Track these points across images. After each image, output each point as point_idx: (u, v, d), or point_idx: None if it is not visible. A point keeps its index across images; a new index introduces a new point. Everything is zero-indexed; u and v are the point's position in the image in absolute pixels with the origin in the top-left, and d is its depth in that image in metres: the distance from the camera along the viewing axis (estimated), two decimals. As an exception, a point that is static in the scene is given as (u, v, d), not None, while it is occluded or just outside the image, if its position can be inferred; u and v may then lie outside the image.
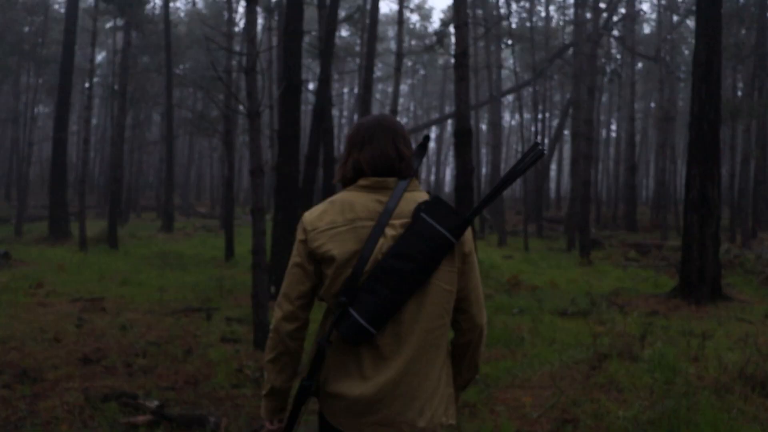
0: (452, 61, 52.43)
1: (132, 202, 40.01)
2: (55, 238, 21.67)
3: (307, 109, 45.21)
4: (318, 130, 12.49)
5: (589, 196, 18.71)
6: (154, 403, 5.36)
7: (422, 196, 2.32)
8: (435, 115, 59.34)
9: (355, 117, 42.38)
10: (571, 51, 34.20)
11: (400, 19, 16.93)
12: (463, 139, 9.06)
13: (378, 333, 2.20)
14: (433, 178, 65.43)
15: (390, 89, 71.65)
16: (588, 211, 18.23)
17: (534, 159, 2.23)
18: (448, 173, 75.53)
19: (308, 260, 2.28)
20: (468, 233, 2.30)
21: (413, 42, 58.19)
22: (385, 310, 2.18)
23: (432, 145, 72.28)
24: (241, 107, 7.03)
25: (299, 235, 2.31)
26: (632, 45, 30.42)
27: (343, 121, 55.11)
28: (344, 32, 48.80)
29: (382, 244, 2.21)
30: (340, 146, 48.09)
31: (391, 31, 55.82)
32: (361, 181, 2.33)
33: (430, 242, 2.19)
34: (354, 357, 2.25)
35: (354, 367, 2.25)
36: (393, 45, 60.19)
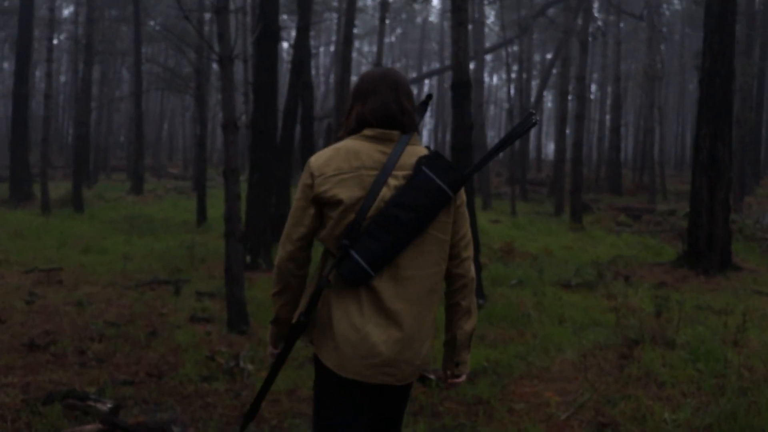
0: (431, 17, 50.58)
1: (101, 163, 38.58)
2: (17, 200, 20.41)
3: (283, 67, 43.86)
4: (296, 84, 11.42)
5: (581, 159, 17.86)
6: (107, 405, 4.41)
7: (423, 150, 2.44)
8: (413, 75, 58.08)
9: (332, 76, 41.03)
10: (555, 8, 33.19)
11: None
12: (462, 91, 8.09)
13: (376, 276, 2.32)
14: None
15: (367, 48, 70.35)
16: (581, 175, 17.40)
17: (527, 127, 2.40)
18: (426, 135, 74.48)
19: (312, 204, 2.38)
20: (461, 189, 2.44)
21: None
22: (384, 254, 2.30)
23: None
24: (214, 56, 6.11)
25: (305, 179, 2.39)
26: (618, 2, 29.40)
27: (320, 79, 53.61)
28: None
29: (385, 193, 2.33)
30: (319, 105, 46.92)
31: (369, -13, 54.16)
32: (367, 131, 2.42)
33: (430, 194, 2.32)
34: (354, 300, 2.35)
35: (354, 311, 2.34)
36: (369, 1, 58.65)
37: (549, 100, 64.70)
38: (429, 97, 2.61)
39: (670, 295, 8.73)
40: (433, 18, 67.79)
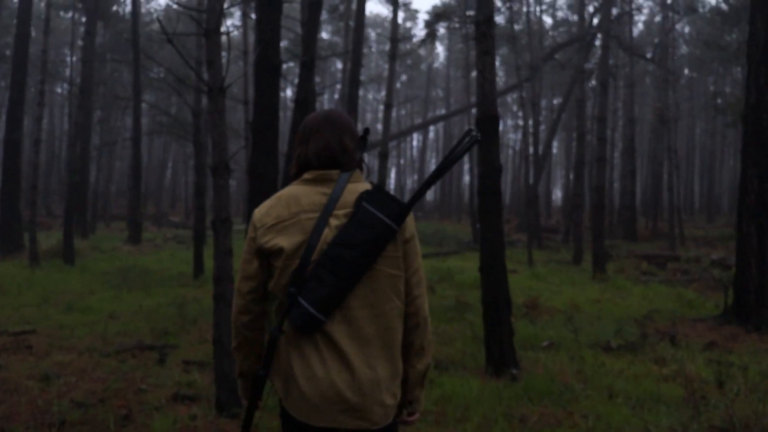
0: (436, 63, 49.96)
1: (100, 211, 37.70)
2: (6, 251, 19.40)
3: (286, 112, 43.27)
4: (300, 124, 10.41)
5: (603, 204, 16.77)
6: None
7: (364, 186, 2.40)
8: (418, 120, 57.42)
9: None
10: (565, 51, 32.50)
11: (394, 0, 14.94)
12: (489, 127, 7.07)
13: (328, 320, 2.27)
14: (411, 185, 63.64)
15: (371, 95, 69.98)
16: (602, 221, 16.28)
17: (469, 145, 2.33)
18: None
19: (258, 256, 2.37)
20: (409, 220, 2.39)
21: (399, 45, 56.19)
22: (332, 297, 2.25)
23: (414, 152, 70.54)
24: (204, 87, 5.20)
25: (249, 233, 2.40)
26: (630, 44, 28.69)
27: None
28: (325, 34, 46.86)
29: (327, 234, 2.29)
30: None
31: (373, 34, 53.90)
32: (306, 175, 2.42)
33: (373, 230, 2.27)
34: (312, 348, 2.29)
35: (314, 360, 2.28)
36: (375, 47, 58.31)
37: (554, 146, 63.93)
38: (366, 131, 2.51)
39: (728, 359, 7.63)
40: (438, 65, 67.66)
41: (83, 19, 26.19)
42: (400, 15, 57.08)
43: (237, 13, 37.58)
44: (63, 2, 31.66)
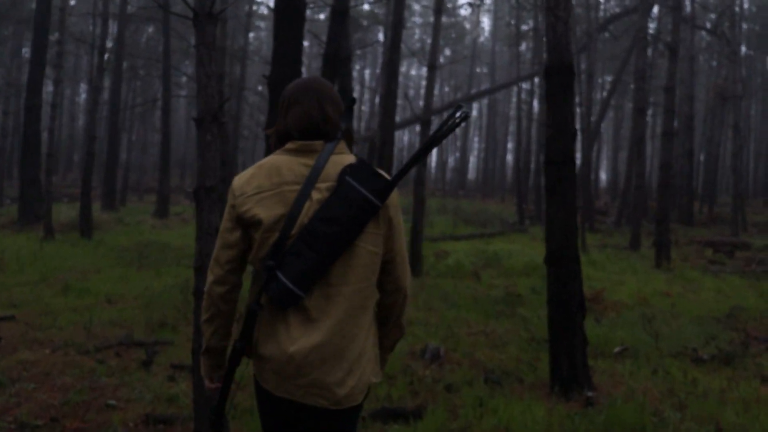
0: (482, 38, 48.06)
1: (133, 183, 36.79)
2: (25, 222, 18.35)
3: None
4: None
5: (670, 184, 15.04)
6: None
7: (349, 158, 2.31)
8: (459, 95, 55.44)
9: (378, 99, 38.74)
10: (617, 24, 30.49)
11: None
12: (562, 80, 5.54)
13: (306, 295, 2.21)
14: (453, 163, 61.60)
15: (414, 71, 68.11)
16: (668, 202, 14.55)
17: (459, 121, 2.20)
18: (472, 161, 71.63)
19: (236, 225, 2.28)
20: (394, 196, 2.31)
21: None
22: (311, 272, 2.18)
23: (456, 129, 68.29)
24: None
25: (229, 200, 2.30)
26: (693, 14, 26.60)
27: (366, 97, 51.20)
28: (366, 5, 45.16)
29: (309, 208, 2.22)
30: (364, 125, 44.58)
31: (417, 6, 52.01)
32: (289, 145, 2.32)
33: (355, 205, 2.19)
34: (283, 320, 2.23)
35: (283, 330, 2.23)
36: (418, 18, 56.51)
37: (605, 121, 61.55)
38: (352, 101, 2.39)
39: None
40: (483, 39, 65.53)
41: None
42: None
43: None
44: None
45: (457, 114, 2.21)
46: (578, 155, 21.25)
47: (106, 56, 16.24)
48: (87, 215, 16.29)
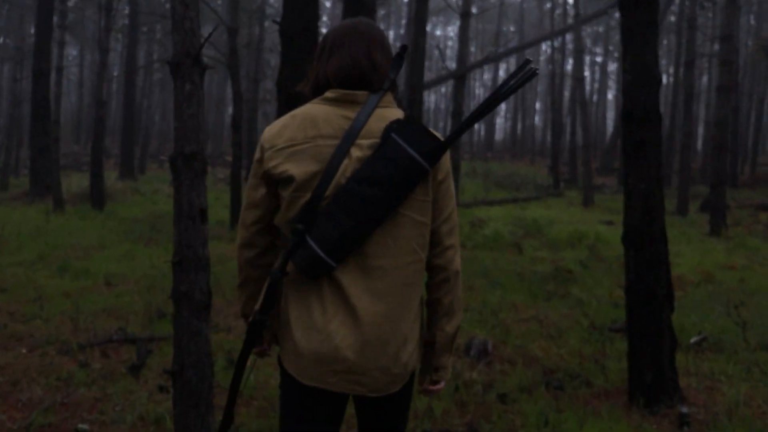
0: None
1: (153, 151, 35.95)
2: (36, 194, 17.52)
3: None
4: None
5: (727, 144, 13.76)
6: None
7: (396, 113, 2.01)
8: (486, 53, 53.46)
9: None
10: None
11: None
12: (643, 15, 4.40)
13: (339, 267, 1.94)
14: (478, 126, 59.78)
15: (439, 32, 66.17)
16: (725, 165, 13.26)
17: (526, 78, 1.91)
18: (498, 122, 69.61)
19: (264, 182, 2.02)
20: (445, 159, 2.04)
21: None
22: (346, 240, 1.91)
23: (481, 91, 66.86)
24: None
25: (256, 155, 2.05)
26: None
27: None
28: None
29: (347, 166, 1.93)
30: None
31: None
32: (328, 93, 2.02)
33: (401, 167, 1.91)
34: (315, 295, 1.97)
35: (316, 307, 1.96)
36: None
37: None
38: (404, 48, 2.08)
39: None
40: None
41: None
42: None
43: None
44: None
45: (525, 70, 1.90)
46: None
47: (113, 15, 15.08)
48: (98, 185, 15.36)
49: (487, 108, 1.97)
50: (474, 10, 56.76)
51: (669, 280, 4.42)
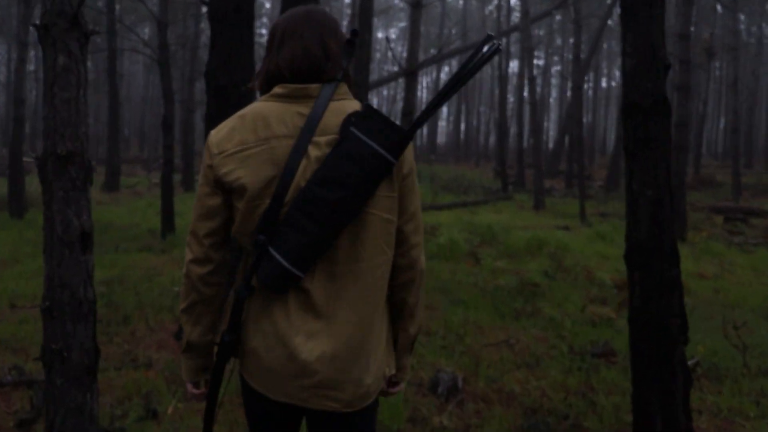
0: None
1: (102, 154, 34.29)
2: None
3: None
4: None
5: (687, 146, 13.26)
6: None
7: (353, 105, 1.84)
8: (432, 52, 53.06)
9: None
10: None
11: None
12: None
13: (306, 276, 1.78)
14: (425, 135, 59.15)
15: (380, 33, 65.34)
16: (684, 166, 12.71)
17: (489, 54, 1.72)
18: (441, 125, 69.21)
19: (216, 190, 1.82)
20: (409, 150, 1.86)
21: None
22: (312, 247, 1.75)
23: (424, 93, 66.33)
24: None
25: (205, 159, 1.85)
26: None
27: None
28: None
29: (305, 167, 1.76)
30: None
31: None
32: (277, 89, 1.84)
33: (364, 163, 1.73)
34: (281, 306, 1.80)
35: (281, 319, 1.79)
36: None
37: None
38: (355, 33, 1.86)
39: None
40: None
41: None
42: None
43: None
44: None
45: (485, 48, 1.71)
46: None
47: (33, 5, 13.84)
48: (18, 192, 14.09)
49: (452, 89, 1.76)
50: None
51: (682, 308, 3.66)
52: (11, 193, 14.02)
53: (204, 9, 11.79)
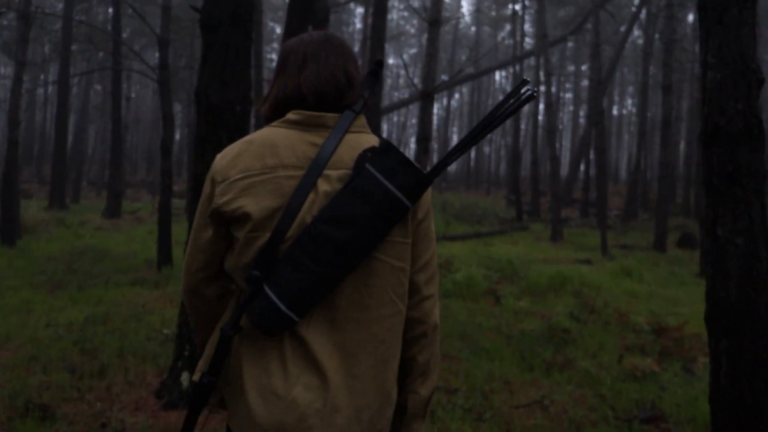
0: (467, 16, 45.66)
1: (94, 178, 33.82)
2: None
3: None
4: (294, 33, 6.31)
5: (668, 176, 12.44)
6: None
7: (370, 139, 1.70)
8: (444, 78, 52.69)
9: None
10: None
11: None
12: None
13: (302, 321, 1.61)
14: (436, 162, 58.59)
15: (391, 59, 64.98)
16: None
17: (523, 101, 1.60)
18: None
19: (213, 222, 1.66)
20: (427, 194, 1.72)
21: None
22: (311, 290, 1.58)
23: (434, 119, 65.80)
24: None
25: (205, 188, 1.69)
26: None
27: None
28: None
29: (313, 202, 1.61)
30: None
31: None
32: (291, 115, 1.69)
33: (377, 204, 1.58)
34: (275, 353, 1.61)
35: (275, 368, 1.60)
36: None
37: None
38: (379, 63, 1.81)
39: None
40: (462, 25, 62.90)
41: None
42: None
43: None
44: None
45: (522, 91, 1.58)
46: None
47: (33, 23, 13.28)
48: (10, 218, 13.44)
49: (481, 133, 1.62)
50: (425, 36, 56.18)
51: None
52: (4, 219, 13.37)
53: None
